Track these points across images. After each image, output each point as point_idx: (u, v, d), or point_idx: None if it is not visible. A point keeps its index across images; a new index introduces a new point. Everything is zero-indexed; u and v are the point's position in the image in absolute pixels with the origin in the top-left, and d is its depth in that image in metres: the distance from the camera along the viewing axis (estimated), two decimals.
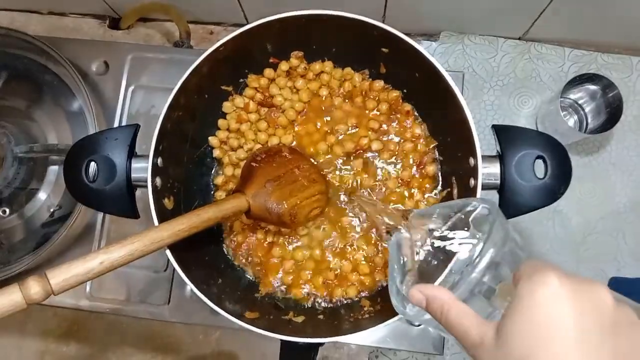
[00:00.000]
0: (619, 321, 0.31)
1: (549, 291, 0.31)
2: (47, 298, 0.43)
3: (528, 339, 0.31)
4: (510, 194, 0.55)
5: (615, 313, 0.31)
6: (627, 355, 0.30)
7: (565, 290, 0.31)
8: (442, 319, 0.37)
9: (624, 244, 0.84)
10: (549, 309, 0.31)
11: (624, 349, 0.30)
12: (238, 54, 0.64)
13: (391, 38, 0.59)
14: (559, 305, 0.31)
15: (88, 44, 0.91)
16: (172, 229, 0.51)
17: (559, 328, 0.30)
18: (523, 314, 0.32)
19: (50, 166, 0.85)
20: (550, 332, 0.30)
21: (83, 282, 0.45)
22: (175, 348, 0.92)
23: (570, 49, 0.89)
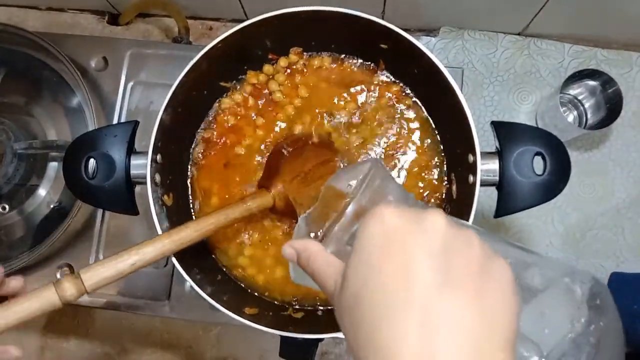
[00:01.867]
0: (450, 242, 0.30)
1: (379, 225, 0.31)
2: (81, 297, 0.46)
3: (361, 274, 0.30)
4: (509, 190, 0.55)
5: (447, 235, 0.30)
6: (456, 273, 0.29)
7: (395, 221, 0.31)
8: (309, 270, 0.36)
9: (624, 240, 0.84)
10: (377, 239, 0.31)
11: (454, 268, 0.29)
12: (237, 50, 0.64)
13: (390, 34, 0.59)
14: (387, 235, 0.30)
15: (87, 40, 0.90)
16: (201, 229, 0.53)
17: (386, 256, 0.30)
18: (357, 251, 0.31)
19: (49, 162, 0.85)
20: (378, 261, 0.30)
21: (115, 281, 0.48)
22: (175, 344, 0.92)
23: (570, 44, 0.89)
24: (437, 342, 0.27)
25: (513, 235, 0.86)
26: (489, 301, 0.28)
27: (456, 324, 0.27)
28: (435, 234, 0.30)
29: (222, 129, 0.69)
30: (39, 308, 0.43)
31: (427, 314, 0.27)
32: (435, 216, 0.31)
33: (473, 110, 0.88)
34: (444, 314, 0.27)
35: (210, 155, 0.69)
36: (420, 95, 0.68)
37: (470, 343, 0.27)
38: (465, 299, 0.28)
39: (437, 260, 0.29)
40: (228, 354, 0.92)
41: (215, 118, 0.69)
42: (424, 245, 0.30)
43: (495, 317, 0.28)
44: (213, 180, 0.68)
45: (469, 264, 0.29)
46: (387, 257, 0.30)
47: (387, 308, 0.29)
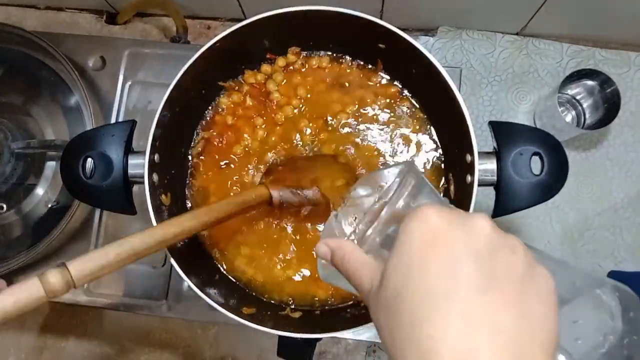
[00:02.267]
0: (494, 246, 0.30)
1: (423, 225, 0.31)
2: (69, 290, 0.42)
3: (402, 274, 0.30)
4: (506, 190, 0.55)
5: (492, 239, 0.30)
6: (500, 277, 0.29)
7: (439, 222, 0.31)
8: (343, 269, 0.36)
9: (621, 239, 0.84)
10: (420, 240, 0.30)
11: (498, 272, 0.29)
12: (235, 50, 0.64)
13: (388, 34, 0.59)
14: (430, 235, 0.30)
15: (85, 39, 0.90)
16: (195, 219, 0.51)
17: (429, 257, 0.30)
18: (399, 252, 0.31)
19: (47, 162, 0.85)
20: (420, 262, 0.30)
21: (106, 273, 0.45)
22: (173, 343, 0.92)
23: (568, 44, 0.89)
24: (477, 343, 0.27)
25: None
26: (531, 307, 0.28)
27: (497, 327, 0.27)
28: (480, 237, 0.30)
29: (220, 128, 0.69)
30: (23, 303, 0.40)
31: (468, 315, 0.28)
32: (480, 219, 0.31)
33: (471, 110, 0.88)
34: (486, 316, 0.27)
35: (208, 155, 0.69)
36: (418, 94, 0.68)
37: (510, 346, 0.27)
38: (507, 303, 0.28)
39: (481, 263, 0.29)
40: (226, 353, 0.92)
41: (213, 118, 0.69)
42: (468, 247, 0.29)
43: (537, 323, 0.28)
44: (211, 180, 0.68)
45: (513, 270, 0.29)
46: (430, 257, 0.30)
47: (428, 308, 0.28)
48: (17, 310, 0.39)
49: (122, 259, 0.46)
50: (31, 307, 0.40)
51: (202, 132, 0.69)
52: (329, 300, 0.65)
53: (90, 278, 0.44)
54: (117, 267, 0.45)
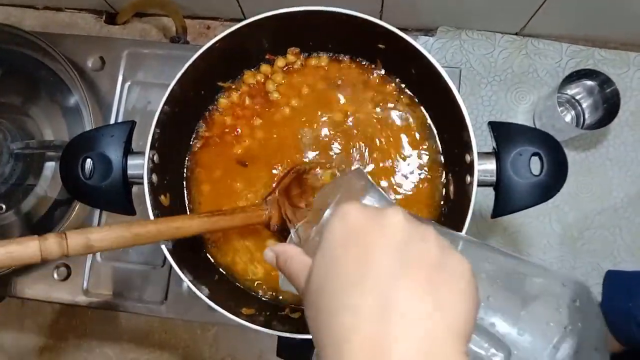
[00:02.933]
0: (407, 236, 0.31)
1: (342, 221, 0.33)
2: (61, 257, 0.45)
3: (323, 267, 0.32)
4: (506, 191, 0.55)
5: (405, 230, 0.31)
6: (412, 265, 0.30)
7: (356, 217, 0.32)
8: (286, 272, 0.37)
9: (621, 239, 0.85)
10: (338, 234, 0.32)
11: (410, 260, 0.30)
12: (234, 50, 0.64)
13: (387, 34, 0.59)
14: (347, 230, 0.32)
15: (84, 39, 0.90)
16: (201, 224, 0.53)
17: (345, 249, 0.31)
18: (322, 247, 0.33)
19: (46, 162, 0.85)
20: (339, 256, 0.31)
21: (98, 250, 0.47)
22: (173, 344, 0.92)
23: (567, 44, 0.89)
24: (388, 329, 0.28)
25: (510, 235, 0.86)
26: (443, 293, 0.29)
27: (408, 313, 0.28)
28: (392, 228, 0.31)
29: (219, 129, 0.69)
30: (17, 255, 0.42)
31: (380, 302, 0.28)
32: (393, 212, 0.32)
33: (470, 110, 0.88)
34: (397, 303, 0.28)
35: (207, 156, 0.68)
36: (418, 95, 0.68)
37: (421, 331, 0.28)
38: (418, 290, 0.29)
39: (393, 253, 0.30)
40: (226, 353, 0.92)
41: (213, 118, 0.69)
42: (381, 238, 0.31)
43: (449, 309, 0.29)
44: (209, 181, 0.68)
45: (424, 257, 0.30)
46: (346, 249, 0.31)
47: (343, 297, 0.30)
48: (9, 260, 0.42)
49: (116, 238, 0.47)
50: (24, 261, 0.43)
51: (201, 132, 0.69)
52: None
53: (85, 251, 0.46)
54: (111, 245, 0.48)
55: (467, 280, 0.30)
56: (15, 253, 0.42)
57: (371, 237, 0.31)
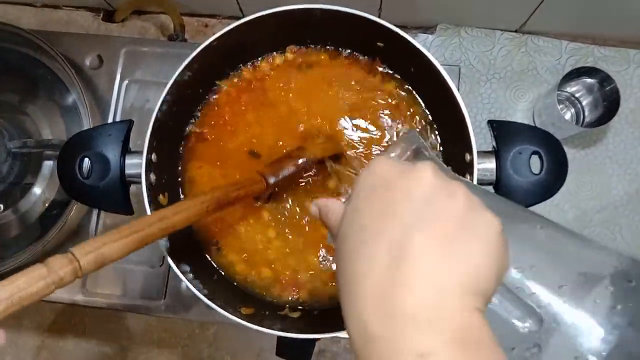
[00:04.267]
0: (434, 191, 0.31)
1: (371, 174, 0.33)
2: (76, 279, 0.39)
3: (349, 217, 0.33)
4: (506, 189, 0.55)
5: (432, 184, 0.31)
6: (432, 218, 0.30)
7: (385, 170, 0.33)
8: (326, 223, 0.38)
9: (621, 237, 0.84)
10: (367, 186, 0.33)
11: (431, 213, 0.30)
12: (232, 48, 0.63)
13: (385, 32, 0.59)
14: (375, 181, 0.33)
15: (82, 37, 0.90)
16: (204, 201, 0.51)
17: (370, 199, 0.32)
18: (351, 198, 0.34)
19: (44, 161, 0.85)
20: (364, 206, 0.32)
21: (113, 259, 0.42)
22: (172, 343, 0.92)
23: (567, 42, 0.89)
24: (397, 278, 0.28)
25: None
26: (462, 248, 0.29)
27: (420, 263, 0.28)
28: (419, 182, 0.31)
29: (217, 127, 0.69)
30: (32, 291, 0.36)
31: (394, 252, 0.29)
32: (423, 167, 0.32)
33: (470, 107, 0.88)
34: (411, 253, 0.28)
35: (205, 154, 0.68)
36: (418, 92, 0.67)
37: (430, 282, 0.28)
38: (435, 242, 0.29)
39: (415, 205, 0.30)
40: (225, 352, 0.92)
41: (209, 116, 0.69)
42: (405, 190, 0.31)
43: (465, 263, 0.29)
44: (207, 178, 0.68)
45: (448, 212, 0.30)
46: (371, 200, 0.32)
47: (361, 245, 0.31)
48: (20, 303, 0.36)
49: (127, 245, 0.44)
50: (38, 299, 0.37)
51: (199, 130, 0.69)
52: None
53: (98, 267, 0.41)
54: (124, 253, 0.44)
55: (493, 238, 0.30)
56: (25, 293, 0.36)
57: (395, 190, 0.31)
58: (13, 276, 0.36)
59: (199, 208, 0.50)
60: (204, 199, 0.51)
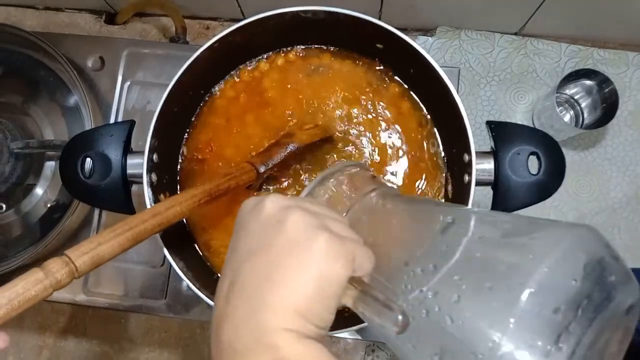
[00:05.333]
0: (270, 218, 0.33)
1: (240, 210, 0.36)
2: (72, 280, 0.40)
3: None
4: (504, 190, 0.55)
5: (269, 213, 0.33)
6: (262, 243, 0.32)
7: (245, 207, 0.36)
8: None
9: (620, 239, 0.85)
10: (236, 224, 0.36)
11: (264, 239, 0.32)
12: (233, 50, 0.64)
13: (385, 34, 0.59)
14: (239, 219, 0.36)
15: (84, 39, 0.91)
16: (194, 195, 0.51)
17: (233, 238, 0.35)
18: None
19: (46, 162, 0.85)
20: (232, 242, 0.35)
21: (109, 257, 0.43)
22: (173, 342, 0.93)
23: (566, 44, 0.89)
24: (225, 309, 0.30)
25: None
26: (287, 276, 0.30)
27: (244, 294, 0.30)
28: (257, 215, 0.34)
29: (217, 128, 0.69)
30: (30, 294, 0.37)
31: (230, 283, 0.31)
32: (269, 199, 0.34)
33: (470, 109, 0.88)
34: (239, 283, 0.31)
35: (205, 154, 0.69)
36: (418, 94, 0.68)
37: (252, 314, 0.29)
38: (261, 272, 0.31)
39: (250, 237, 0.33)
40: None
41: (209, 116, 0.69)
42: (247, 224, 0.34)
43: (291, 292, 0.29)
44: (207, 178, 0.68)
45: (276, 240, 0.31)
46: (233, 235, 0.35)
47: (221, 277, 0.34)
48: (20, 303, 0.37)
49: (120, 245, 0.43)
50: (36, 301, 0.38)
51: (199, 131, 0.69)
52: None
53: (94, 267, 0.41)
54: (117, 251, 0.43)
55: (320, 257, 0.30)
56: (24, 298, 0.36)
57: (242, 225, 0.34)
58: (11, 282, 0.37)
59: (191, 202, 0.50)
60: (195, 192, 0.51)
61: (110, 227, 0.43)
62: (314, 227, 0.31)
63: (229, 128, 0.69)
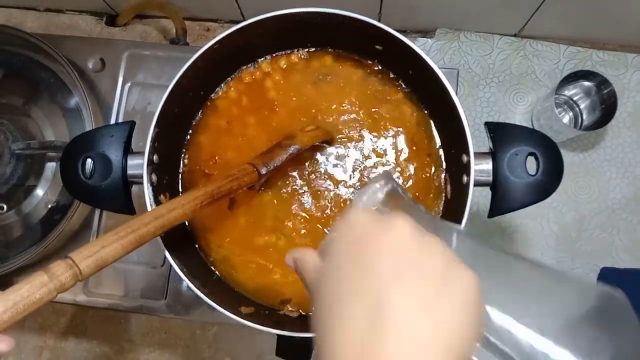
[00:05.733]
0: (412, 246, 0.30)
1: (345, 225, 0.33)
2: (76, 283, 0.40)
3: (325, 274, 0.32)
4: (502, 190, 0.56)
5: (410, 238, 0.30)
6: (412, 277, 0.28)
7: (362, 222, 0.32)
8: (302, 275, 0.36)
9: (619, 240, 0.85)
10: (343, 238, 0.32)
11: (411, 272, 0.29)
12: (233, 51, 0.64)
13: (384, 35, 0.60)
14: (351, 233, 0.32)
15: (85, 41, 0.91)
16: (196, 196, 0.51)
17: (347, 252, 0.31)
18: (326, 250, 0.33)
19: (47, 162, 0.86)
20: (339, 256, 0.31)
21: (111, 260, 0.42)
22: (172, 343, 0.93)
23: (565, 45, 0.89)
24: (377, 342, 0.26)
25: (508, 236, 0.86)
26: (443, 311, 0.27)
27: (401, 326, 0.26)
28: (397, 236, 0.30)
29: (217, 129, 0.70)
30: (35, 298, 0.37)
31: (372, 311, 0.27)
32: (400, 220, 0.31)
33: (469, 111, 0.89)
34: (391, 313, 0.27)
35: (205, 155, 0.69)
36: (417, 95, 0.68)
37: (413, 348, 0.26)
38: (415, 301, 0.27)
39: (392, 261, 0.29)
40: (225, 353, 0.92)
41: (210, 117, 0.70)
42: (381, 246, 0.30)
43: (446, 326, 0.27)
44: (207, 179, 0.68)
45: (426, 268, 0.29)
46: (346, 254, 0.31)
47: (337, 301, 0.29)
48: (26, 307, 0.37)
49: (124, 247, 0.44)
50: (40, 303, 0.38)
51: (199, 132, 0.70)
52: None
53: (97, 270, 0.42)
54: (120, 254, 0.44)
55: (472, 298, 0.29)
56: (29, 301, 0.37)
57: (371, 245, 0.30)
58: (16, 285, 0.37)
59: (193, 204, 0.51)
60: (197, 194, 0.51)
61: (113, 230, 0.44)
62: (459, 263, 0.30)
63: (229, 129, 0.69)
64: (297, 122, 0.68)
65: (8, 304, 0.36)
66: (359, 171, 0.67)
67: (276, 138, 0.67)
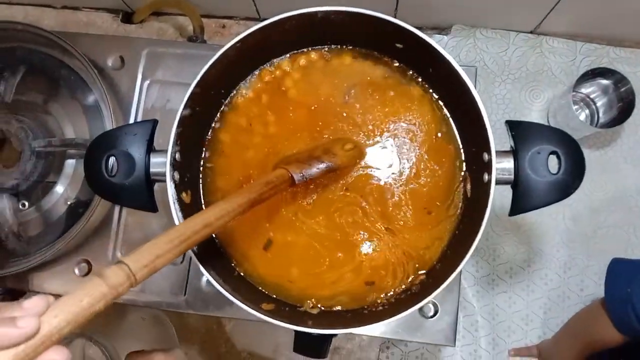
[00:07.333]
0: None
1: None
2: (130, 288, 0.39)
3: None
4: (524, 189, 0.56)
5: None
6: None
7: None
8: None
9: (635, 237, 0.85)
10: None
11: None
12: (255, 49, 0.65)
13: (404, 33, 0.60)
14: None
15: (103, 38, 0.92)
16: (237, 202, 0.51)
17: None
18: None
19: (67, 160, 0.87)
20: None
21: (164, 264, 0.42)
22: (189, 338, 0.94)
23: (582, 42, 0.89)
24: None
25: (524, 233, 0.86)
26: None
27: None
28: None
29: (237, 127, 0.70)
30: (95, 309, 0.36)
31: None
32: None
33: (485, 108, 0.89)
34: None
35: (225, 153, 0.69)
36: (438, 93, 0.68)
37: None
38: None
39: None
40: (242, 348, 0.93)
41: (231, 116, 0.70)
42: None
43: None
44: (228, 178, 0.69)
45: None
46: None
47: None
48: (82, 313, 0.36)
49: (177, 253, 0.44)
50: (95, 311, 0.36)
51: (220, 130, 0.70)
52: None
53: (151, 273, 0.41)
54: (171, 259, 0.43)
55: None
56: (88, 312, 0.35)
57: None
58: (75, 295, 0.36)
59: (238, 212, 0.51)
60: (241, 202, 0.52)
61: (165, 235, 0.43)
62: None
63: (249, 128, 0.69)
64: (317, 122, 0.68)
65: (69, 317, 0.35)
66: (392, 179, 0.67)
67: (296, 137, 0.67)
